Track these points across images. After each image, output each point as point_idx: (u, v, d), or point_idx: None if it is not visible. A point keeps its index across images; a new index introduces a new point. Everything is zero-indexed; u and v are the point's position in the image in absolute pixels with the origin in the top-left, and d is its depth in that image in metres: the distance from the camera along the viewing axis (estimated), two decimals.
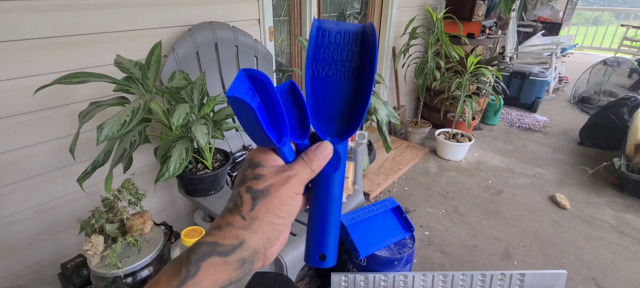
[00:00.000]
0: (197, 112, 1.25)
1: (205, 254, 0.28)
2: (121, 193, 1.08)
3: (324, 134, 0.35)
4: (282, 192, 0.31)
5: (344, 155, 0.35)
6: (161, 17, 1.41)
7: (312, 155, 0.33)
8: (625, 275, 1.82)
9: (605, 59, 4.44)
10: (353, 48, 0.35)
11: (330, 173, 0.34)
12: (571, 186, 2.60)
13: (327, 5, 2.42)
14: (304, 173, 0.32)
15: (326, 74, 0.35)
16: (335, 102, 0.35)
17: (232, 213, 0.30)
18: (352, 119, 0.35)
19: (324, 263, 0.35)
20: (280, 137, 0.32)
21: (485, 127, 3.64)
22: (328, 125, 0.35)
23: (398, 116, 1.85)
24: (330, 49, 0.35)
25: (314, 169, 0.33)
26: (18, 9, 1.08)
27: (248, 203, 0.30)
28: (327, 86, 0.35)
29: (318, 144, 0.34)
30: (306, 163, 0.33)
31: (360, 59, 0.35)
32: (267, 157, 0.32)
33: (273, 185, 0.31)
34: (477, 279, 1.43)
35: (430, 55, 2.77)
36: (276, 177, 0.31)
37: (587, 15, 7.89)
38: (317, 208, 0.35)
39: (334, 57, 0.35)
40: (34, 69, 1.16)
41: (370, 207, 1.51)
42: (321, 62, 0.35)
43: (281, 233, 0.32)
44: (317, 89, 0.35)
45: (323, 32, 0.34)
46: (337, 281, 1.44)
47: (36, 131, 1.23)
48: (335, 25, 0.35)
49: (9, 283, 1.32)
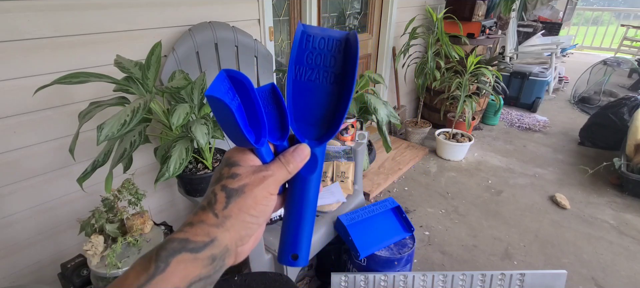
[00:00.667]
0: (197, 112, 1.25)
1: (175, 250, 0.28)
2: (121, 193, 1.08)
3: (303, 137, 0.36)
4: (256, 191, 0.31)
5: (321, 158, 0.36)
6: (161, 17, 1.41)
7: (289, 157, 0.34)
8: (625, 275, 1.82)
9: (605, 59, 4.44)
10: (336, 54, 0.35)
11: (307, 176, 0.35)
12: (571, 186, 2.60)
13: (327, 5, 2.42)
14: (280, 174, 0.33)
15: (308, 79, 0.36)
16: (316, 106, 0.36)
17: (205, 211, 0.31)
18: (331, 123, 0.36)
19: (296, 262, 0.35)
20: (258, 137, 0.32)
21: (485, 127, 3.64)
22: (307, 129, 0.36)
23: (398, 116, 1.85)
24: (314, 53, 0.35)
25: (291, 171, 0.34)
26: (18, 9, 1.08)
27: (222, 201, 0.30)
28: (309, 90, 0.36)
29: (296, 146, 0.35)
30: (283, 164, 0.33)
31: (343, 66, 0.35)
32: (244, 156, 0.33)
33: (248, 185, 0.31)
34: (477, 279, 1.43)
35: (430, 55, 2.77)
36: (252, 177, 0.31)
37: (587, 15, 7.89)
38: (292, 209, 0.35)
39: (317, 61, 0.35)
40: (34, 69, 1.16)
41: (370, 207, 1.51)
42: (304, 66, 0.35)
43: (253, 232, 0.32)
44: (299, 92, 0.36)
45: (307, 37, 0.35)
46: (337, 281, 1.44)
47: (36, 131, 1.23)
48: (320, 31, 0.36)
49: (9, 283, 1.32)
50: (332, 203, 1.49)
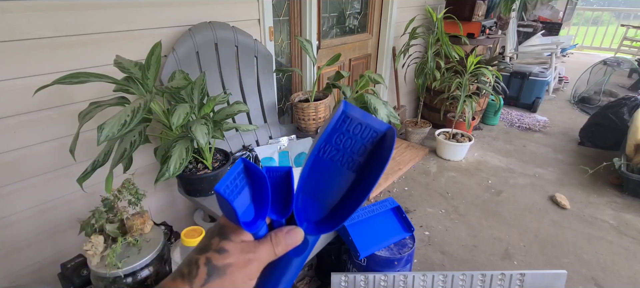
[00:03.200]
0: (197, 112, 1.24)
1: None
2: (121, 193, 1.08)
3: (303, 218, 0.35)
4: (237, 275, 0.31)
5: (312, 245, 0.35)
6: (161, 17, 1.41)
7: (281, 238, 0.33)
8: (625, 275, 1.82)
9: (605, 59, 4.44)
10: (367, 144, 0.34)
11: (292, 257, 0.34)
12: (571, 186, 2.60)
13: (327, 5, 2.42)
14: (266, 256, 0.33)
15: (331, 158, 0.34)
16: (329, 187, 0.35)
17: (183, 280, 0.31)
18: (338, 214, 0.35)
19: None
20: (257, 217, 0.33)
21: (485, 127, 3.64)
22: (312, 205, 0.35)
23: (398, 116, 1.85)
24: (345, 136, 0.34)
25: (278, 253, 0.33)
26: (18, 9, 1.08)
27: (202, 277, 0.30)
28: (327, 169, 0.35)
29: (290, 228, 0.34)
30: (272, 245, 0.33)
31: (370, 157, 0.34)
32: (236, 233, 0.33)
33: (232, 265, 0.31)
34: (477, 279, 1.43)
35: (430, 55, 2.77)
36: (238, 257, 0.31)
37: (587, 15, 7.89)
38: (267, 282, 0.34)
39: (346, 144, 0.34)
40: (34, 69, 1.16)
41: (370, 207, 1.50)
42: (331, 144, 0.34)
43: None
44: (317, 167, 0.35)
45: (345, 119, 0.34)
46: (337, 281, 1.44)
47: (36, 131, 1.23)
48: (361, 116, 0.34)
49: (9, 283, 1.31)
50: None
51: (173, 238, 1.29)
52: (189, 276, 0.31)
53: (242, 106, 1.34)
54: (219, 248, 0.32)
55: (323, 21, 2.43)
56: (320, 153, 0.34)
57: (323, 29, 2.45)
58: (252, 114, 1.74)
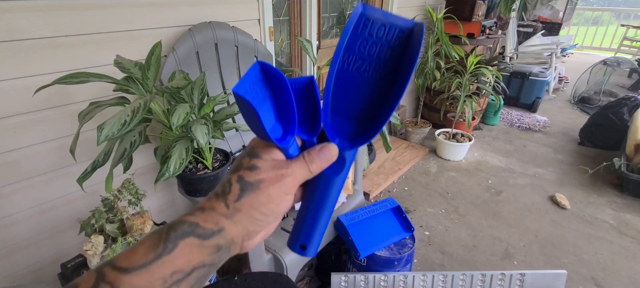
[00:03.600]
0: (197, 112, 1.24)
1: (185, 233, 0.28)
2: (121, 193, 1.08)
3: (335, 134, 0.33)
4: (271, 190, 0.30)
5: (349, 162, 0.33)
6: (161, 17, 1.41)
7: (314, 155, 0.32)
8: (625, 275, 1.82)
9: (605, 59, 4.43)
10: (394, 46, 0.31)
11: (331, 177, 0.33)
12: (571, 186, 2.60)
13: (327, 5, 2.42)
14: (301, 173, 0.31)
15: (356, 69, 0.32)
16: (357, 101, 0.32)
17: (217, 199, 0.30)
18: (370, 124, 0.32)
19: (304, 253, 0.34)
20: (286, 133, 0.31)
21: (485, 127, 3.64)
22: (343, 123, 0.33)
23: (398, 116, 1.85)
24: (369, 42, 0.31)
25: (313, 170, 0.32)
26: (18, 9, 1.08)
27: (235, 193, 0.30)
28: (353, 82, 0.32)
29: (323, 145, 0.32)
30: (306, 162, 0.32)
31: (399, 61, 0.31)
32: (267, 148, 0.31)
33: (264, 180, 0.30)
34: (477, 279, 1.43)
35: (430, 55, 2.77)
36: (270, 173, 0.30)
37: (587, 15, 7.89)
38: (310, 205, 0.34)
39: (371, 52, 0.31)
40: (34, 69, 1.16)
41: (370, 207, 1.51)
42: (355, 55, 0.31)
43: (261, 229, 0.32)
44: (342, 82, 0.32)
45: (366, 22, 0.31)
46: (337, 281, 1.44)
47: (36, 131, 1.23)
48: (382, 15, 0.31)
49: (9, 283, 1.31)
50: None
51: None
52: (222, 194, 0.30)
53: None
54: (250, 165, 0.31)
55: (323, 21, 2.43)
56: (344, 66, 0.32)
57: (323, 29, 2.45)
58: None
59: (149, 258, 0.27)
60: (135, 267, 0.26)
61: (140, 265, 0.26)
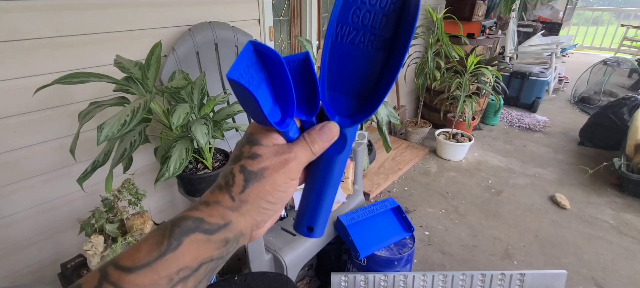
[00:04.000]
0: (197, 112, 1.25)
1: (189, 229, 0.27)
2: (121, 193, 1.08)
3: (334, 112, 0.32)
4: (276, 177, 0.29)
5: (351, 139, 0.32)
6: (161, 17, 1.41)
7: (315, 136, 0.31)
8: (625, 275, 1.82)
9: (605, 59, 4.44)
10: (390, 14, 0.29)
11: (333, 155, 0.32)
12: (571, 186, 2.60)
13: (327, 5, 2.42)
14: (304, 155, 0.31)
15: (351, 41, 0.30)
16: (355, 75, 0.31)
17: (222, 191, 0.29)
18: (369, 99, 0.31)
19: (311, 234, 0.34)
20: (284, 116, 0.30)
21: (485, 127, 3.64)
22: (342, 99, 0.32)
23: (398, 116, 1.85)
24: (363, 10, 0.30)
25: (315, 151, 0.31)
26: (18, 9, 1.08)
27: (239, 184, 0.29)
28: (349, 55, 0.31)
29: (323, 124, 0.31)
30: (307, 144, 0.31)
31: (395, 29, 0.30)
32: (267, 133, 0.30)
33: (268, 168, 0.29)
34: (477, 279, 1.43)
35: (430, 55, 2.77)
36: (273, 159, 0.30)
37: (587, 15, 7.89)
38: (313, 186, 0.33)
39: (364, 21, 0.30)
40: (34, 69, 1.16)
41: (370, 207, 1.51)
42: (348, 25, 0.30)
43: (270, 217, 0.31)
44: (337, 56, 0.31)
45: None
46: (337, 281, 1.44)
47: (36, 131, 1.23)
48: None
49: (8, 283, 1.31)
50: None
51: None
52: (226, 186, 0.29)
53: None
54: (251, 154, 0.30)
55: (323, 21, 2.43)
56: (338, 39, 0.30)
57: (323, 29, 2.46)
58: None
59: (153, 257, 0.26)
60: (139, 266, 0.26)
61: (144, 263, 0.26)
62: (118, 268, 0.26)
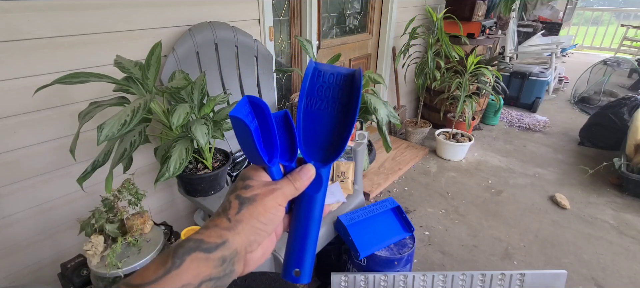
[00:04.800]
0: (197, 112, 1.24)
1: (191, 249, 0.31)
2: (121, 193, 1.08)
3: (309, 158, 0.39)
4: (266, 201, 0.34)
5: (326, 178, 0.39)
6: (161, 17, 1.41)
7: (296, 175, 0.37)
8: (625, 275, 1.82)
9: (605, 59, 4.44)
10: (343, 87, 0.40)
11: (313, 194, 0.38)
12: (571, 186, 2.60)
13: (327, 5, 2.42)
14: (288, 189, 0.36)
15: (317, 108, 0.40)
16: (323, 132, 0.40)
17: (219, 216, 0.34)
18: (336, 147, 0.40)
19: (299, 279, 0.37)
20: (271, 157, 0.36)
21: (485, 127, 3.64)
22: (314, 152, 0.40)
23: (398, 116, 1.85)
24: (324, 87, 0.40)
25: (297, 188, 0.37)
26: (18, 9, 1.08)
27: (235, 207, 0.34)
28: (317, 118, 0.40)
29: (302, 166, 0.38)
30: (291, 181, 0.37)
31: (348, 97, 0.40)
32: (257, 173, 0.37)
33: (259, 195, 0.35)
34: (477, 279, 1.43)
35: (430, 55, 2.77)
36: (263, 188, 0.35)
37: (587, 15, 7.89)
38: (298, 226, 0.38)
39: (326, 93, 0.40)
40: (34, 69, 1.16)
41: (370, 207, 1.50)
42: (314, 97, 0.40)
43: (262, 239, 0.35)
44: (308, 119, 0.40)
45: (318, 73, 0.40)
46: (337, 281, 1.44)
47: (36, 131, 1.23)
48: (330, 68, 0.40)
49: (9, 283, 1.32)
50: (332, 203, 1.49)
51: (173, 238, 1.29)
52: (224, 212, 0.34)
53: None
54: (245, 185, 0.35)
55: (323, 21, 2.43)
56: (307, 107, 0.40)
57: (323, 29, 2.45)
58: None
59: (159, 274, 0.29)
60: (147, 283, 0.29)
61: (151, 280, 0.29)
62: (129, 285, 0.29)
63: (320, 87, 0.40)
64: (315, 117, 0.40)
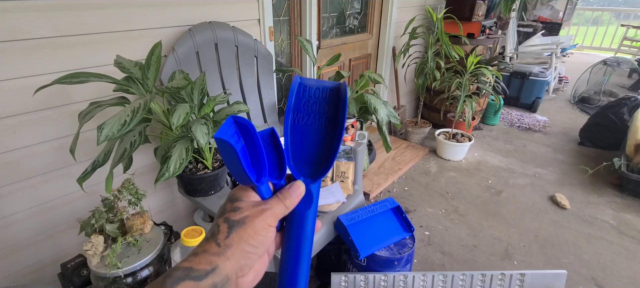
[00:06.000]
0: (197, 112, 1.24)
1: (180, 278, 0.30)
2: (121, 193, 1.08)
3: (299, 175, 0.39)
4: (256, 223, 0.33)
5: (316, 194, 0.39)
6: (161, 17, 1.41)
7: (286, 193, 0.36)
8: (625, 275, 1.82)
9: (605, 59, 4.44)
10: (329, 101, 0.40)
11: (303, 211, 0.38)
12: (571, 186, 2.60)
13: (327, 5, 2.41)
14: (278, 208, 0.35)
15: (305, 123, 0.40)
16: (311, 147, 0.40)
17: (208, 241, 0.33)
18: (324, 162, 0.39)
19: None
20: (259, 176, 0.35)
21: (485, 127, 3.64)
22: (303, 167, 0.40)
23: (398, 116, 1.85)
24: (310, 101, 0.40)
25: (288, 206, 0.36)
26: (18, 9, 1.08)
27: (224, 231, 0.33)
28: (305, 133, 0.40)
29: (292, 183, 0.37)
30: (280, 200, 0.36)
31: (335, 111, 0.40)
32: (246, 193, 0.35)
33: (248, 216, 0.33)
34: (477, 279, 1.43)
35: (430, 55, 2.77)
36: (252, 210, 0.34)
37: (587, 15, 7.89)
38: (290, 244, 0.37)
39: (312, 108, 0.40)
40: (34, 69, 1.16)
41: (370, 207, 1.50)
42: (301, 112, 0.40)
43: (253, 262, 0.34)
44: (296, 135, 0.40)
45: (304, 88, 0.40)
46: (337, 281, 1.44)
47: (36, 131, 1.23)
48: (315, 82, 0.40)
49: (8, 283, 1.32)
50: (332, 203, 1.49)
51: (173, 238, 1.29)
52: (212, 236, 0.33)
53: (242, 106, 1.34)
54: (234, 207, 0.34)
55: (323, 21, 2.43)
56: (295, 122, 0.40)
57: (323, 29, 2.45)
58: (252, 113, 1.74)
59: None
60: None
61: None
62: None
63: (307, 102, 0.40)
64: (303, 132, 0.40)
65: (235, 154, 0.32)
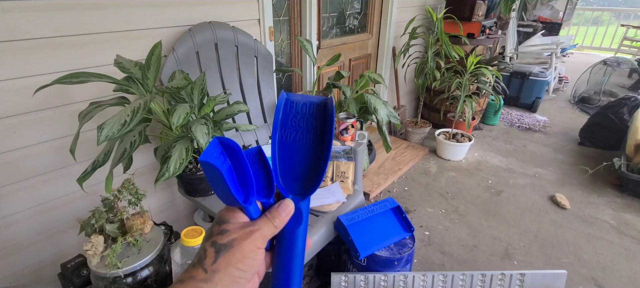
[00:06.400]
0: (197, 112, 1.25)
1: None
2: (121, 193, 1.08)
3: (287, 193, 0.38)
4: (244, 246, 0.32)
5: (306, 212, 0.38)
6: (161, 17, 1.41)
7: (275, 213, 0.35)
8: (625, 275, 1.82)
9: (605, 59, 4.43)
10: (316, 116, 0.39)
11: (293, 230, 0.37)
12: (571, 186, 2.60)
13: (327, 5, 2.42)
14: (267, 229, 0.34)
15: (292, 139, 0.39)
16: (299, 163, 0.39)
17: (195, 267, 0.31)
18: (314, 178, 0.39)
19: None
20: (247, 197, 0.35)
21: (485, 127, 3.64)
22: (293, 184, 0.39)
23: (398, 116, 1.85)
24: (297, 117, 0.39)
25: (277, 225, 0.35)
26: (18, 9, 1.08)
27: (211, 256, 0.31)
28: (293, 149, 0.39)
29: (280, 202, 0.37)
30: (269, 220, 0.35)
31: (322, 126, 0.39)
32: (233, 214, 0.34)
33: (236, 239, 0.32)
34: (477, 279, 1.43)
35: (430, 55, 2.77)
36: (240, 232, 0.33)
37: (587, 15, 7.89)
38: (280, 264, 0.37)
39: (300, 124, 0.39)
40: (34, 69, 1.16)
41: (370, 207, 1.50)
42: (288, 128, 0.39)
43: (242, 287, 0.33)
44: (284, 151, 0.39)
45: (291, 103, 0.40)
46: (337, 281, 1.44)
47: (36, 131, 1.23)
48: (301, 97, 0.40)
49: (8, 283, 1.32)
50: (332, 203, 1.49)
51: (173, 238, 1.29)
52: (199, 262, 0.32)
53: (242, 106, 1.34)
54: (221, 230, 0.33)
55: (323, 21, 2.43)
56: (282, 139, 0.39)
57: (323, 29, 2.45)
58: (252, 113, 1.74)
59: None
60: None
61: None
62: None
63: (294, 118, 0.39)
64: (291, 149, 0.39)
65: (221, 176, 0.31)
